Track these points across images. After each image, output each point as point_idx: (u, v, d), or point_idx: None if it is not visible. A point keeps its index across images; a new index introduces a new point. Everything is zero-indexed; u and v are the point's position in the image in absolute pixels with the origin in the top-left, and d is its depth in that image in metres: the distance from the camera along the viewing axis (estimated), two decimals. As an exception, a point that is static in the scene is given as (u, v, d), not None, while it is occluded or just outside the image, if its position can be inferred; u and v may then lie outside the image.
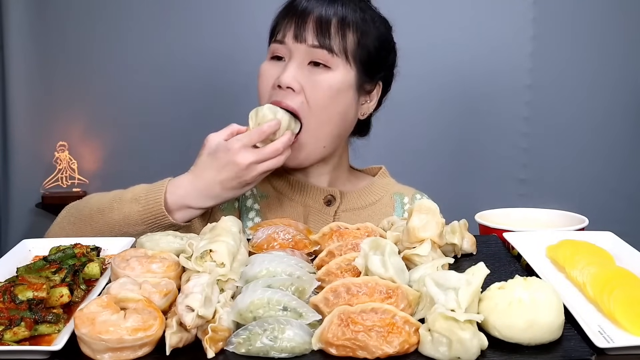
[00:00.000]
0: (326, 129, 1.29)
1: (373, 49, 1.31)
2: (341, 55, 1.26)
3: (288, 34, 1.27)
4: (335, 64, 1.26)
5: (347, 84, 1.28)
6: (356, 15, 1.29)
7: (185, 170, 1.42)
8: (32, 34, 3.02)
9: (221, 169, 1.17)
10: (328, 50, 1.25)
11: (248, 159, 1.16)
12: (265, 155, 1.17)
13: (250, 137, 1.18)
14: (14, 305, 0.77)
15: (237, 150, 1.16)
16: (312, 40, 1.25)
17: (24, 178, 3.10)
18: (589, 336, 0.72)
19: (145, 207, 1.16)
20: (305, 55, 1.26)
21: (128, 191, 1.21)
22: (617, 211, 2.88)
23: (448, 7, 2.97)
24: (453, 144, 3.06)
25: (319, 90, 1.25)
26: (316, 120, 1.26)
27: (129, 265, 0.84)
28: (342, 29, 1.26)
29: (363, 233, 1.00)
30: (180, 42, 3.02)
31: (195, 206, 1.19)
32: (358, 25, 1.29)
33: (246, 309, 0.75)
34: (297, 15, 1.27)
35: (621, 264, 0.94)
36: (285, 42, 1.27)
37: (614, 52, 2.95)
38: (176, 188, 1.18)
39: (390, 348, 0.69)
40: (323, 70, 1.26)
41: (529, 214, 1.31)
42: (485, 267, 0.76)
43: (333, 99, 1.27)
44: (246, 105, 1.27)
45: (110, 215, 1.18)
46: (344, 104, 1.29)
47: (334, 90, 1.26)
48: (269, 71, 1.29)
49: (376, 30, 1.33)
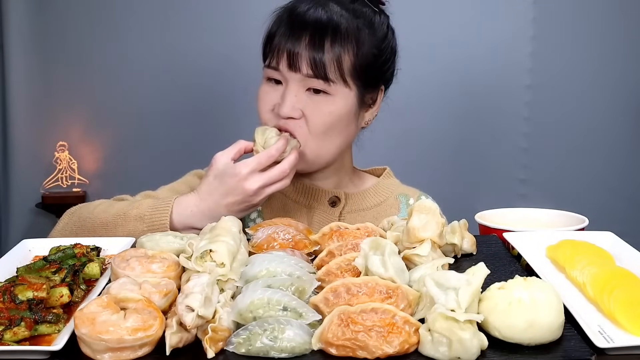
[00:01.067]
0: (325, 148, 1.27)
1: (372, 58, 1.27)
2: (338, 82, 1.22)
3: (282, 61, 1.22)
4: (334, 90, 1.22)
5: (348, 107, 1.25)
6: (351, 23, 1.23)
7: (184, 170, 1.42)
8: (32, 34, 3.02)
9: (228, 193, 1.15)
10: (324, 80, 1.21)
11: (256, 184, 1.14)
12: (273, 178, 1.16)
13: (259, 161, 1.16)
14: (14, 305, 0.77)
15: (246, 176, 1.14)
16: (306, 69, 1.20)
17: (24, 178, 3.10)
18: (589, 336, 0.72)
19: (150, 226, 1.15)
20: (302, 83, 1.22)
21: (133, 207, 1.18)
22: (617, 211, 2.88)
23: (448, 7, 2.97)
24: (453, 144, 3.06)
25: (319, 117, 1.23)
26: (317, 143, 1.25)
27: (129, 265, 0.84)
28: (335, 47, 1.21)
29: (363, 233, 1.00)
30: (180, 42, 3.02)
31: (199, 227, 1.16)
32: (353, 35, 1.23)
33: (246, 309, 0.75)
34: (290, 37, 1.22)
35: (621, 264, 0.94)
36: (280, 70, 1.23)
37: (614, 52, 2.95)
38: (182, 209, 1.17)
39: (390, 348, 0.69)
40: (322, 96, 1.23)
41: (529, 214, 1.31)
42: (486, 267, 0.76)
43: (334, 123, 1.24)
44: (246, 106, 1.27)
45: (113, 232, 1.17)
46: (346, 124, 1.27)
47: (335, 116, 1.24)
48: (267, 96, 1.27)
49: (373, 35, 1.27)
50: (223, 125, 3.02)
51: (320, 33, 1.21)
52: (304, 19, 1.22)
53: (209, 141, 3.00)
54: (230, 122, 2.98)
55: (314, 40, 1.21)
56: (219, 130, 3.01)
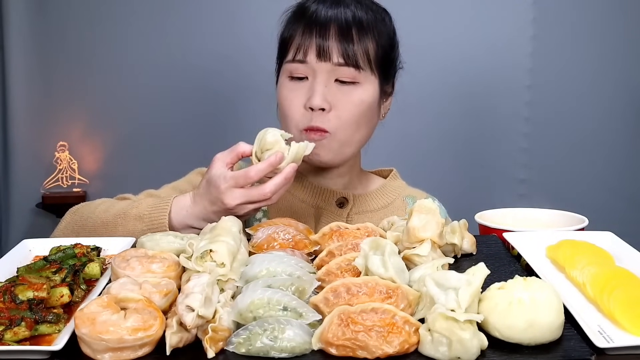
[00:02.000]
0: (355, 138, 1.28)
1: (389, 49, 1.30)
2: (366, 68, 1.24)
3: (310, 52, 1.23)
4: (363, 78, 1.24)
5: (374, 96, 1.27)
6: (369, 15, 1.26)
7: (185, 170, 1.42)
8: (32, 34, 3.02)
9: (212, 203, 1.12)
10: (355, 67, 1.22)
11: (235, 201, 1.09)
12: (252, 197, 1.10)
13: (236, 180, 1.09)
14: (14, 305, 0.77)
15: (224, 190, 1.09)
16: (337, 58, 1.22)
17: (24, 178, 3.10)
18: (588, 336, 0.72)
19: (149, 226, 1.15)
20: (330, 73, 1.23)
21: (133, 207, 1.18)
22: (617, 211, 2.88)
23: (448, 7, 2.97)
24: (453, 144, 3.06)
25: (350, 108, 1.24)
26: (345, 133, 1.25)
27: (129, 265, 0.84)
28: (362, 38, 1.23)
29: (363, 233, 1.00)
30: (180, 42, 3.02)
31: (196, 227, 1.16)
32: (374, 27, 1.26)
33: (246, 309, 0.75)
34: (317, 30, 1.22)
35: (621, 264, 0.94)
36: (308, 62, 1.23)
37: (614, 52, 2.95)
38: (180, 209, 1.16)
39: (390, 348, 0.69)
40: (351, 86, 1.24)
41: (529, 214, 1.31)
42: (486, 268, 0.76)
43: (364, 112, 1.26)
44: (246, 106, 1.27)
45: (113, 231, 1.17)
46: (372, 114, 1.29)
47: (365, 105, 1.25)
48: (293, 94, 1.25)
49: (385, 26, 1.31)
50: (223, 125, 3.02)
51: (347, 24, 1.23)
52: (327, 13, 1.24)
53: (209, 141, 3.02)
54: (231, 122, 2.99)
55: (342, 31, 1.22)
56: (219, 130, 3.01)
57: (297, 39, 1.25)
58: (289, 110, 1.26)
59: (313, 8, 1.26)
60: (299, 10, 1.29)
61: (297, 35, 1.25)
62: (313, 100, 1.22)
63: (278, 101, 1.30)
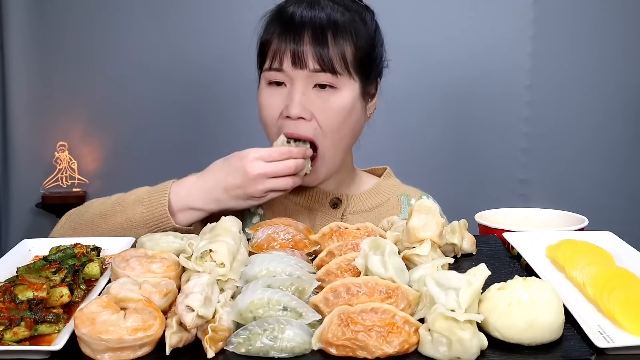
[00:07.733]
0: (342, 145, 1.28)
1: (369, 49, 1.28)
2: (344, 73, 1.22)
3: (285, 60, 1.21)
4: (341, 83, 1.22)
5: (355, 99, 1.25)
6: (345, 16, 1.24)
7: (184, 170, 1.42)
8: (32, 34, 3.02)
9: (229, 173, 1.15)
10: (332, 73, 1.20)
11: (257, 170, 1.13)
12: (277, 170, 1.15)
13: (270, 152, 1.16)
14: (14, 305, 0.77)
15: (251, 160, 1.14)
16: (312, 64, 1.20)
17: (24, 178, 3.10)
18: (588, 336, 0.72)
19: (149, 208, 1.15)
20: (308, 80, 1.21)
21: (130, 194, 1.19)
22: (617, 211, 2.88)
23: (448, 7, 2.97)
24: (453, 144, 3.06)
25: (330, 115, 1.23)
26: (331, 142, 1.25)
27: (129, 265, 0.84)
28: (338, 41, 1.21)
29: (363, 233, 1.00)
30: (180, 42, 3.02)
31: (197, 207, 1.17)
32: (351, 28, 1.23)
33: (246, 309, 0.75)
34: (292, 35, 1.20)
35: (621, 264, 0.93)
36: (284, 70, 1.21)
37: (614, 52, 2.95)
38: (180, 189, 1.17)
39: (390, 348, 0.69)
40: (330, 92, 1.22)
41: (529, 214, 1.31)
42: (487, 269, 0.76)
43: (345, 118, 1.24)
44: (246, 106, 1.27)
45: (112, 219, 1.17)
46: (355, 118, 1.27)
47: (346, 110, 1.24)
48: (271, 100, 1.25)
49: (365, 26, 1.27)
50: (223, 125, 3.02)
51: (322, 28, 1.21)
52: (301, 17, 1.22)
53: (209, 141, 3.03)
54: (230, 122, 2.99)
55: (317, 36, 1.20)
56: (219, 130, 3.02)
57: (273, 45, 1.23)
58: (266, 118, 1.26)
59: (289, 11, 1.24)
60: (276, 14, 1.27)
61: (273, 41, 1.24)
62: (291, 109, 1.21)
63: (258, 107, 1.29)
